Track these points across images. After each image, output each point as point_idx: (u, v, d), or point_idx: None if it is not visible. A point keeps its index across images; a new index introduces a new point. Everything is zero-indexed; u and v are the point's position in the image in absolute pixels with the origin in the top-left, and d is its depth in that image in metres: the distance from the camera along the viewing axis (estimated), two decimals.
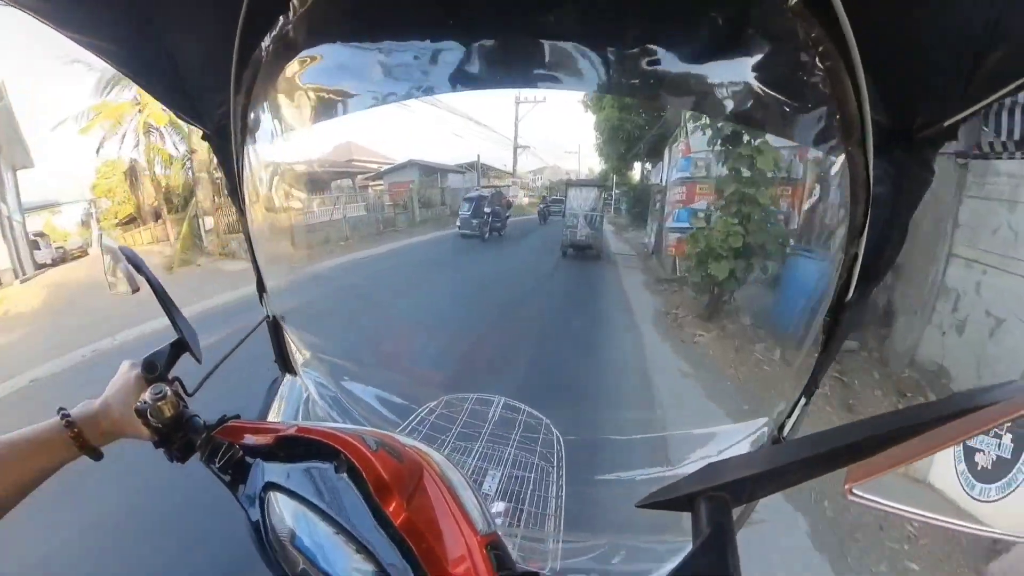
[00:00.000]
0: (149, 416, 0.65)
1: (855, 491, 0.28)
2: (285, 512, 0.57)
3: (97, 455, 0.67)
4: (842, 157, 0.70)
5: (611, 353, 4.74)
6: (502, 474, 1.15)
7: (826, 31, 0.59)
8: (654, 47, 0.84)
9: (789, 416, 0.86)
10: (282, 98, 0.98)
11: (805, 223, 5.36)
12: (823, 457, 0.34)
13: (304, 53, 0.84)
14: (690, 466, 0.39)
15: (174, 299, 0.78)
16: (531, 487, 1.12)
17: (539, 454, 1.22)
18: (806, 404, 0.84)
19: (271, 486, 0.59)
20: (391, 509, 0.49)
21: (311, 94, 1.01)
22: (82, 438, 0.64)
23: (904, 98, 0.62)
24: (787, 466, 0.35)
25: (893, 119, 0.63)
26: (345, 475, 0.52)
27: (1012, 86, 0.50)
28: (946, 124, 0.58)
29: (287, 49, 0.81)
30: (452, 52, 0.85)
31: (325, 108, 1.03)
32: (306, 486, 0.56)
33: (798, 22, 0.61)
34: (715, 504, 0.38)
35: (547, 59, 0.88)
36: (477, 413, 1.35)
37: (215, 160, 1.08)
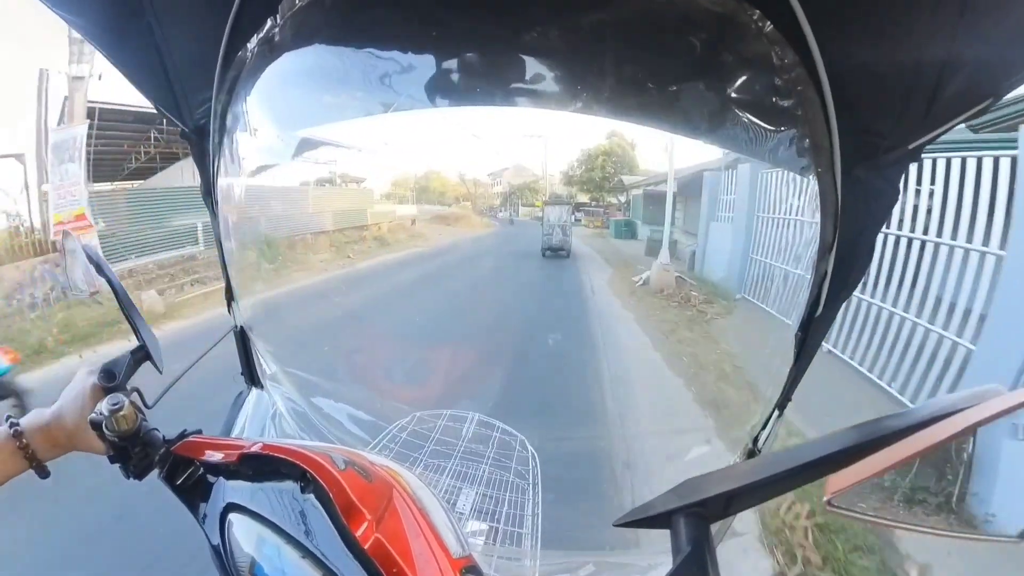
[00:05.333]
0: (105, 428, 0.60)
1: (835, 503, 0.28)
2: (248, 534, 0.54)
3: (44, 472, 0.61)
4: (813, 178, 0.72)
5: (588, 361, 4.73)
6: (476, 492, 1.13)
7: (798, 57, 0.62)
8: (633, 68, 0.86)
9: (763, 428, 0.87)
10: (263, 100, 0.97)
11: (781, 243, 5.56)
12: (800, 470, 0.34)
13: (287, 57, 0.84)
14: (667, 482, 0.39)
15: None
16: (506, 506, 1.10)
17: (514, 471, 1.20)
18: (779, 416, 0.85)
19: (233, 506, 0.56)
20: (360, 532, 0.47)
21: (292, 98, 0.99)
22: (31, 450, 0.59)
23: (871, 122, 0.66)
24: (764, 480, 0.35)
25: (860, 142, 0.66)
26: (311, 495, 0.49)
27: (972, 111, 0.53)
28: (910, 147, 0.62)
29: (272, 52, 0.80)
30: (434, 64, 0.85)
31: (305, 113, 1.02)
32: (270, 506, 0.53)
33: (772, 48, 0.64)
34: (693, 521, 0.38)
35: (527, 75, 0.89)
36: (450, 430, 1.32)
37: None
